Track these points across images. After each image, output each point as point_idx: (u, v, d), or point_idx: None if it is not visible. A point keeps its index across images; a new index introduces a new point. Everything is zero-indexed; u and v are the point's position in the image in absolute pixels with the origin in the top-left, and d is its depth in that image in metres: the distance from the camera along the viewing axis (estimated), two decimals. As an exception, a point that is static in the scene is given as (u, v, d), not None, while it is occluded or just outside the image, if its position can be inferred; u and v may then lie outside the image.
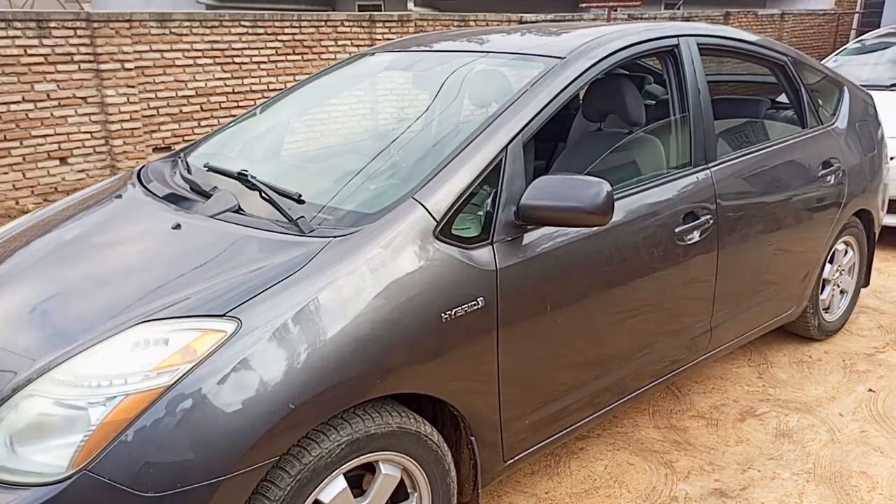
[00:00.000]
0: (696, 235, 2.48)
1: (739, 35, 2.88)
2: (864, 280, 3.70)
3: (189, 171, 2.43)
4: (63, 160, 7.19)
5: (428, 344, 1.76)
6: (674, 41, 2.57)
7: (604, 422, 2.82)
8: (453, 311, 1.80)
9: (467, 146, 1.96)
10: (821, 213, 3.08)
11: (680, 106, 2.58)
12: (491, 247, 1.91)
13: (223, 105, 8.08)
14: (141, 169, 2.60)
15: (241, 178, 2.09)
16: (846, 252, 3.50)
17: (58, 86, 7.05)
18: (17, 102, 6.85)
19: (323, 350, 1.58)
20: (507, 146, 1.99)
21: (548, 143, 3.50)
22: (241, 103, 8.06)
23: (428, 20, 9.77)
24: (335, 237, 1.74)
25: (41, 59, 6.90)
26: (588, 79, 2.26)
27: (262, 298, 1.57)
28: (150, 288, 1.67)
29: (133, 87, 7.42)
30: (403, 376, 1.73)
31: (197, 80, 7.81)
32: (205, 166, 2.38)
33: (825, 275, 3.37)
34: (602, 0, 11.11)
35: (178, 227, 1.92)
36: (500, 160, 1.97)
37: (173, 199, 2.17)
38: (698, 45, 2.66)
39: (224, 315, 1.54)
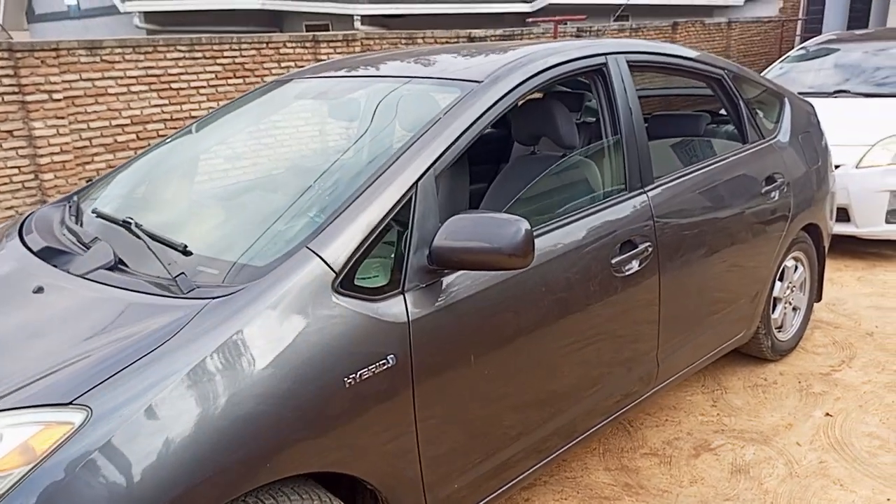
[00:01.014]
0: (634, 265, 2.31)
1: (671, 50, 2.75)
2: (817, 295, 3.58)
3: (78, 219, 2.19)
4: (-10, 197, 6.82)
5: (330, 414, 1.55)
6: (601, 60, 2.41)
7: (552, 467, 2.63)
8: (358, 373, 1.59)
9: (371, 185, 1.76)
10: (767, 231, 2.95)
11: (611, 128, 2.42)
12: (402, 296, 1.71)
13: (160, 132, 7.77)
14: (27, 217, 2.35)
15: (126, 226, 1.86)
16: (796, 268, 3.39)
17: (-21, 119, 6.68)
18: (-64, 138, 6.47)
19: (195, 436, 1.35)
20: (417, 182, 1.80)
21: (490, 166, 3.33)
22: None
23: (374, 39, 9.61)
24: (214, 298, 1.52)
25: (-39, 92, 6.54)
26: (508, 103, 2.08)
27: (119, 380, 1.34)
28: (-10, 370, 1.43)
29: (63, 117, 7.08)
30: (302, 454, 1.51)
31: (132, 108, 7.50)
32: (93, 212, 2.14)
33: (776, 293, 3.24)
34: (549, 15, 11.09)
35: (39, 290, 1.68)
36: (410, 198, 1.78)
37: (48, 254, 1.93)
38: (628, 62, 2.51)
39: (71, 403, 1.30)
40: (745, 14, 18.37)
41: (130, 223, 1.86)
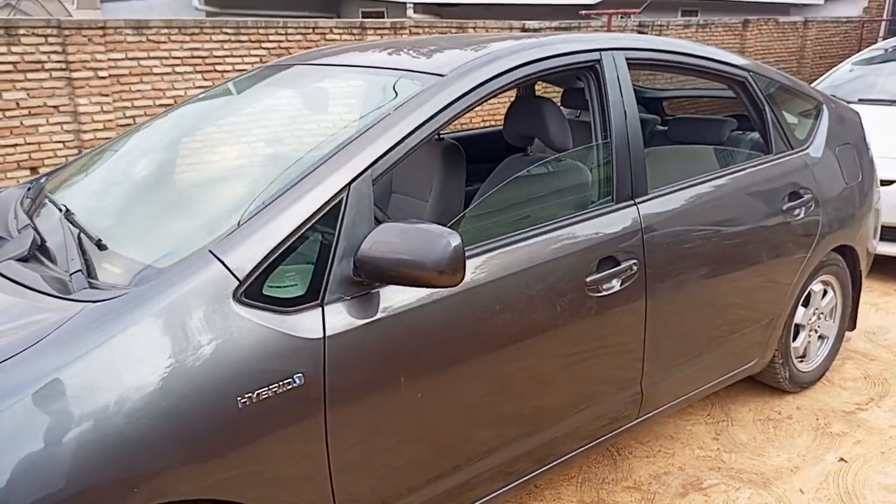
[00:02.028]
0: (615, 284, 2.09)
1: (682, 48, 2.48)
2: (850, 323, 3.25)
3: (35, 202, 2.11)
4: (34, 170, 6.98)
5: (218, 436, 1.40)
6: (594, 56, 2.18)
7: (522, 494, 2.44)
8: (255, 393, 1.44)
9: (294, 185, 1.60)
10: (787, 251, 2.66)
11: (602, 131, 2.19)
12: (320, 309, 1.55)
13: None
14: (-9, 197, 2.29)
15: (67, 214, 1.77)
16: (825, 293, 3.07)
17: (28, 94, 6.85)
18: (-14, 111, 6.65)
19: (45, 457, 1.22)
20: (349, 184, 1.63)
21: (492, 165, 3.13)
22: (221, 113, 7.79)
23: (423, 27, 9.45)
24: (94, 302, 1.39)
25: (10, 67, 6.70)
26: (473, 100, 1.88)
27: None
28: None
29: (107, 95, 7.20)
30: (181, 479, 1.37)
31: (176, 89, 7.56)
32: (46, 197, 2.06)
33: (798, 319, 2.94)
34: (609, 8, 10.70)
35: None
36: (340, 202, 1.61)
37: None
38: (628, 59, 2.27)
39: None
40: (826, 13, 17.37)
41: (62, 210, 1.77)
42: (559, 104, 3.80)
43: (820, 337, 3.14)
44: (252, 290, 1.48)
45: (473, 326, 1.78)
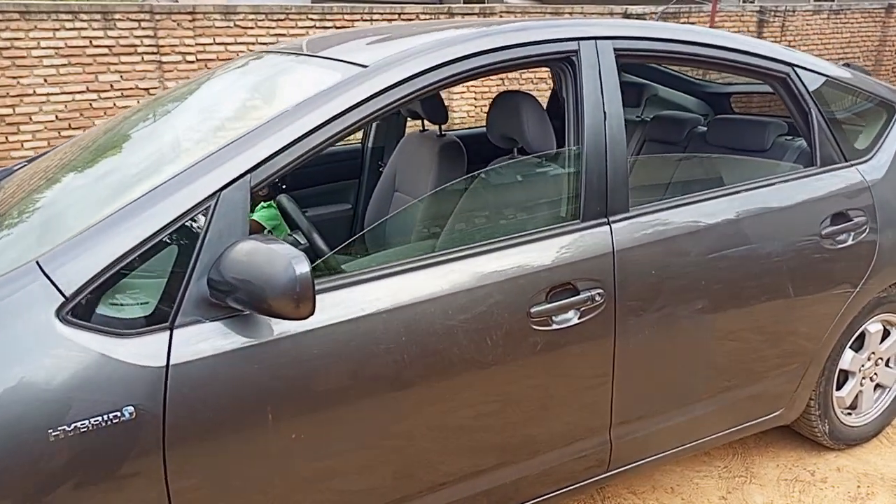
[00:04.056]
0: (571, 317, 1.78)
1: (698, 36, 2.08)
2: (922, 372, 2.71)
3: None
4: (125, 150, 7.32)
5: (26, 473, 1.26)
6: (569, 46, 1.86)
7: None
8: (72, 425, 1.28)
9: (152, 191, 1.42)
10: (823, 285, 2.21)
11: (574, 136, 1.87)
12: (168, 333, 1.37)
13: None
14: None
15: None
16: (886, 334, 2.56)
17: (121, 76, 7.17)
18: (82, 92, 7.02)
19: None
20: (220, 192, 1.43)
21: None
22: (301, 98, 7.84)
23: (515, 13, 9.11)
24: None
25: (105, 51, 7.04)
26: (399, 96, 1.63)
27: None
28: None
29: (194, 79, 7.41)
30: (-20, 516, 1.24)
31: (260, 74, 7.68)
32: None
33: (845, 365, 2.46)
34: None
35: None
36: (207, 211, 1.42)
37: None
38: (618, 51, 1.93)
39: None
40: None
41: None
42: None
43: (878, 386, 2.63)
44: (82, 309, 1.32)
45: (369, 361, 1.54)
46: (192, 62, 7.37)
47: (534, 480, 1.92)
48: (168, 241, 1.39)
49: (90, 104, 7.07)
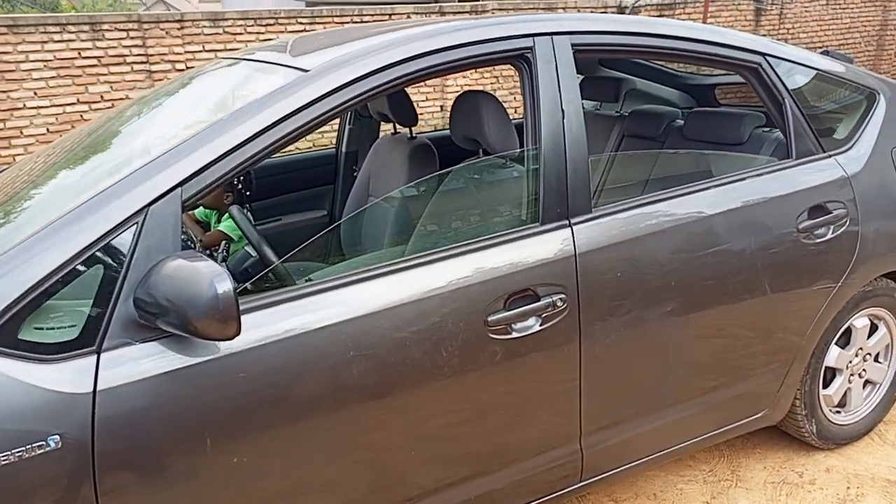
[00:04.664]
0: (532, 324, 1.71)
1: (662, 28, 2.00)
2: (914, 366, 2.63)
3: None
4: (117, 160, 7.30)
5: (-56, 506, 1.21)
6: (523, 43, 1.79)
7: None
8: (-7, 457, 1.23)
9: (80, 206, 1.37)
10: (802, 281, 2.13)
11: (532, 136, 1.80)
12: (95, 357, 1.32)
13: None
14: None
15: None
16: (873, 329, 2.48)
17: (111, 87, 7.14)
18: (72, 104, 7.00)
19: None
20: (148, 206, 1.37)
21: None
22: (293, 103, 7.80)
23: (507, 9, 9.02)
24: None
25: (94, 62, 7.01)
26: (341, 101, 1.57)
27: None
28: None
29: (184, 87, 7.37)
30: None
31: (250, 80, 7.64)
32: None
33: (831, 362, 2.38)
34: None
35: None
36: (133, 227, 1.36)
37: None
38: (576, 46, 1.86)
39: None
40: None
41: None
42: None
43: (868, 382, 2.55)
44: (3, 335, 1.26)
45: (314, 378, 1.48)
46: (181, 70, 7.33)
47: (506, 492, 1.86)
48: (94, 260, 1.33)
49: (81, 116, 7.05)
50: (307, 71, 1.60)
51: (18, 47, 6.65)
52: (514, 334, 1.69)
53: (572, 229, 1.78)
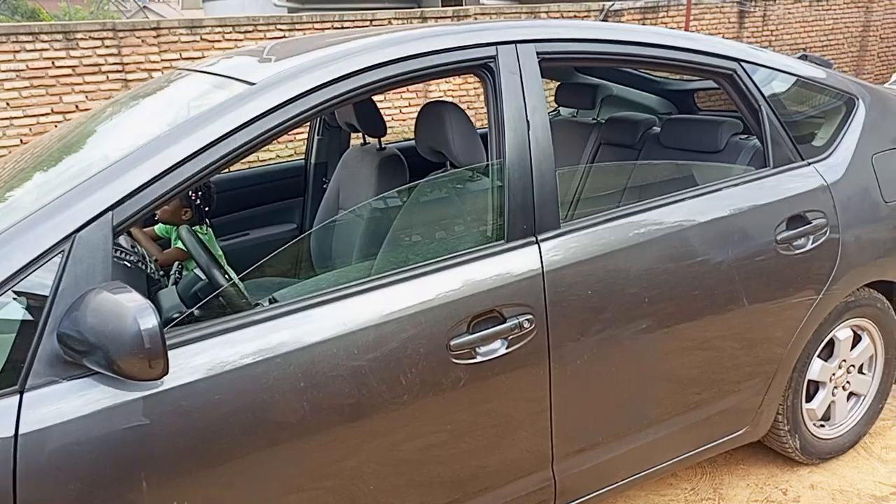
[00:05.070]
0: (498, 347, 1.63)
1: (634, 35, 1.93)
2: (899, 377, 2.56)
3: None
4: (94, 171, 7.16)
5: None
6: (486, 52, 1.71)
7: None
8: None
9: (2, 233, 1.27)
10: (782, 293, 2.06)
11: (496, 150, 1.72)
12: (17, 397, 1.22)
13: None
14: None
15: None
16: (857, 340, 2.41)
17: (86, 97, 7.02)
18: (46, 115, 6.86)
19: None
20: (75, 233, 1.28)
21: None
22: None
23: (490, 15, 8.96)
24: None
25: (69, 71, 6.88)
26: (290, 115, 1.48)
27: None
28: None
29: (162, 96, 7.26)
30: None
31: (229, 88, 7.53)
32: None
33: (814, 375, 2.31)
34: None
35: None
36: (61, 256, 1.26)
37: None
38: (542, 55, 1.78)
39: None
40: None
41: None
42: (553, 100, 3.30)
43: (852, 395, 2.48)
44: (-87, 376, 1.16)
45: (261, 411, 1.39)
46: (158, 79, 7.21)
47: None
48: (16, 292, 1.24)
49: (55, 126, 6.91)
50: (253, 84, 1.51)
51: (-10, 57, 6.52)
52: (479, 358, 1.61)
53: (539, 246, 1.70)
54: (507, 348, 1.64)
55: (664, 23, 10.05)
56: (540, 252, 1.69)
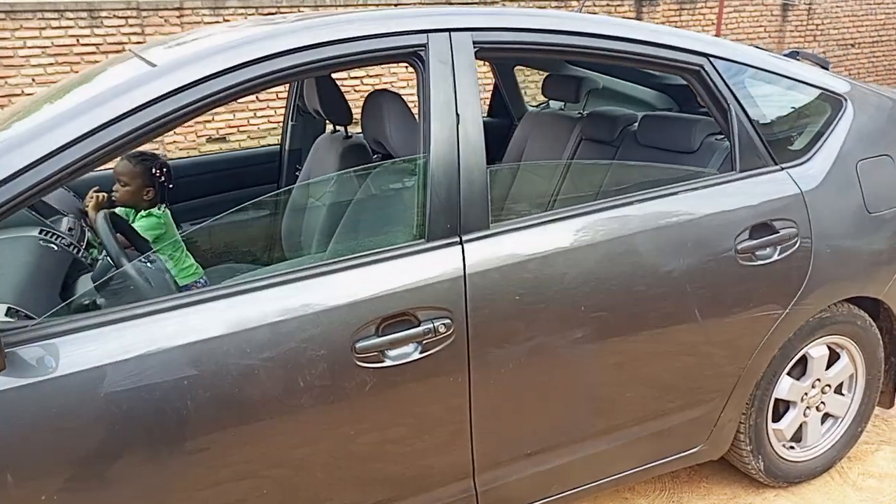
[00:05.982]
0: (410, 351, 1.55)
1: (584, 26, 1.80)
2: (880, 398, 2.40)
3: None
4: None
5: None
6: (417, 40, 1.62)
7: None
8: None
9: None
10: (742, 306, 1.93)
11: (423, 142, 1.63)
12: None
13: (280, 95, 7.75)
14: None
15: None
16: (835, 358, 2.26)
17: (110, 75, 7.09)
18: (70, 91, 6.97)
19: None
20: (-54, 219, 1.24)
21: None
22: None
23: (472, 3, 8.77)
24: None
25: (93, 49, 6.97)
26: (187, 101, 1.41)
27: None
28: None
29: (183, 76, 7.31)
30: None
31: (251, 69, 7.54)
32: None
33: (782, 394, 2.17)
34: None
35: None
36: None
37: None
38: (479, 44, 1.67)
39: None
40: None
41: None
42: (542, 93, 3.18)
43: (828, 416, 2.33)
44: None
45: (137, 410, 1.34)
46: (180, 59, 7.26)
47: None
48: None
49: (79, 103, 7.01)
50: (154, 66, 1.45)
51: (16, 33, 6.63)
52: (388, 362, 1.53)
53: (463, 247, 1.61)
54: (420, 353, 1.56)
55: (702, 14, 9.73)
56: (463, 253, 1.60)
